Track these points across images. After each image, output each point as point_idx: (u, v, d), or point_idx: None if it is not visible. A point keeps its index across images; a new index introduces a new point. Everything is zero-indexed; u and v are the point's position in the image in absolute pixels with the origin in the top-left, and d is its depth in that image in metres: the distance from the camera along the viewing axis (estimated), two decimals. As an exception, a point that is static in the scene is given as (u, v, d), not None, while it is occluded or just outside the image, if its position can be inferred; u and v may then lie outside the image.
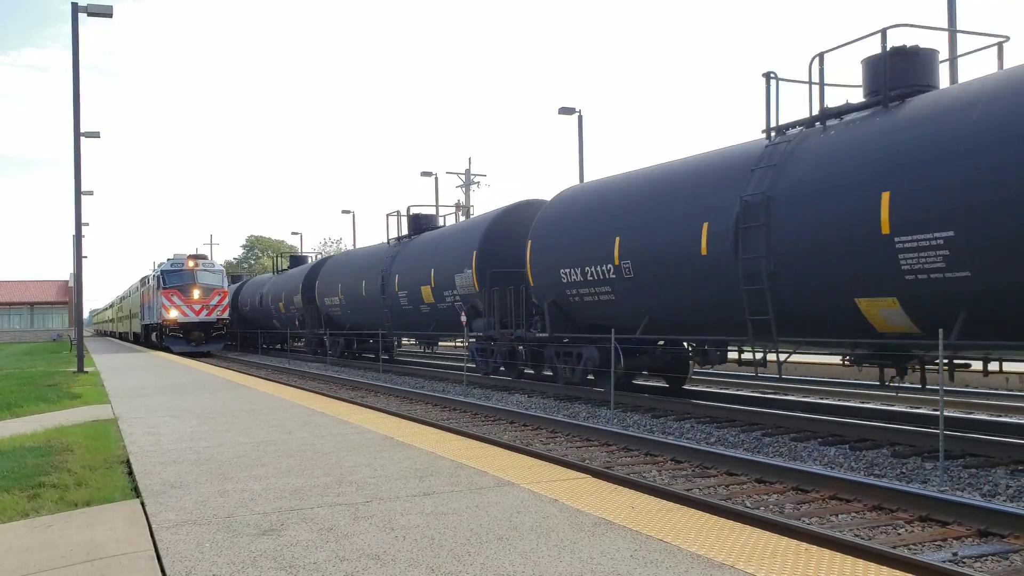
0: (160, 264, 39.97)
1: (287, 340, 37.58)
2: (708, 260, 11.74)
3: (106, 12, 21.56)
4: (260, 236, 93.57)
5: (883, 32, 10.34)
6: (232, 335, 43.10)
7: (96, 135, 32.01)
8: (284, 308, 35.79)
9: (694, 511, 5.03)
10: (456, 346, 30.36)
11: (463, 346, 22.80)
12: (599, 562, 3.98)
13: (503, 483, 5.84)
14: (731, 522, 4.76)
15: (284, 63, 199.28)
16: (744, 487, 8.11)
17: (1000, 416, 11.96)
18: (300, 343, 35.65)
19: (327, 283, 29.99)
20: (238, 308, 44.29)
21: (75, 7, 21.46)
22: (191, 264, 38.12)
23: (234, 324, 42.24)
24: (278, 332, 38.41)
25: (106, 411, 11.58)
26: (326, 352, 30.22)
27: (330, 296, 29.51)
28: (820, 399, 14.27)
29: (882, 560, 4.94)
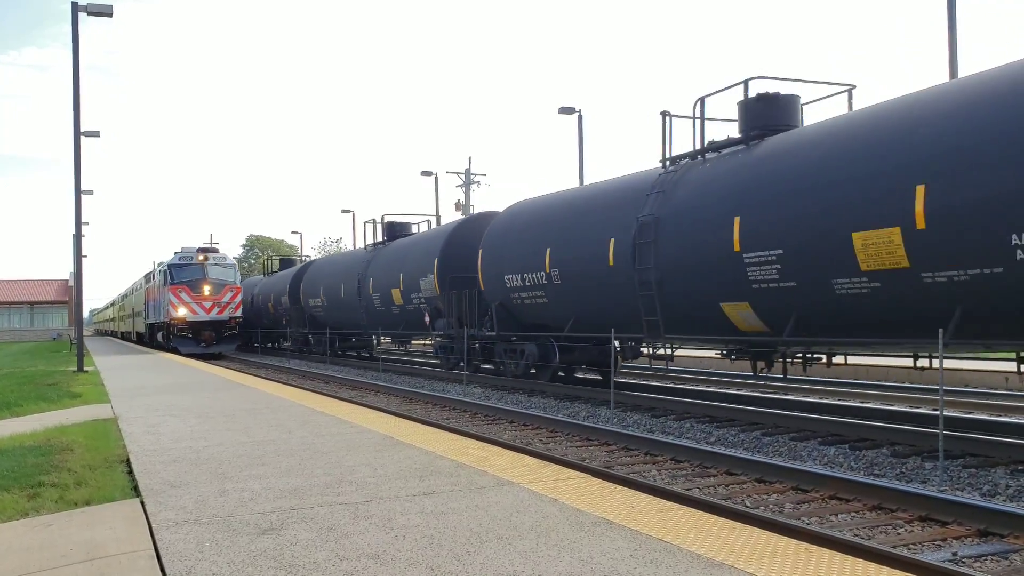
0: (164, 260, 36.96)
1: (277, 339, 38.90)
2: (614, 270, 13.80)
3: (106, 12, 21.56)
4: (260, 235, 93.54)
5: (745, 83, 12.52)
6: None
7: (96, 134, 32.01)
8: (273, 308, 37.34)
9: (694, 511, 5.03)
10: (425, 344, 31.59)
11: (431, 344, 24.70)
12: (599, 561, 3.98)
13: (503, 482, 5.84)
14: (731, 522, 4.76)
15: (284, 63, 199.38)
16: (744, 487, 8.11)
17: (1000, 416, 11.96)
18: (288, 343, 36.73)
19: (310, 285, 32.11)
20: None
21: (75, 6, 21.46)
22: (201, 258, 34.99)
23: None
24: (268, 331, 39.48)
25: (106, 410, 11.58)
26: (310, 350, 32.56)
27: (313, 297, 31.51)
28: (820, 399, 14.27)
29: (882, 560, 4.94)
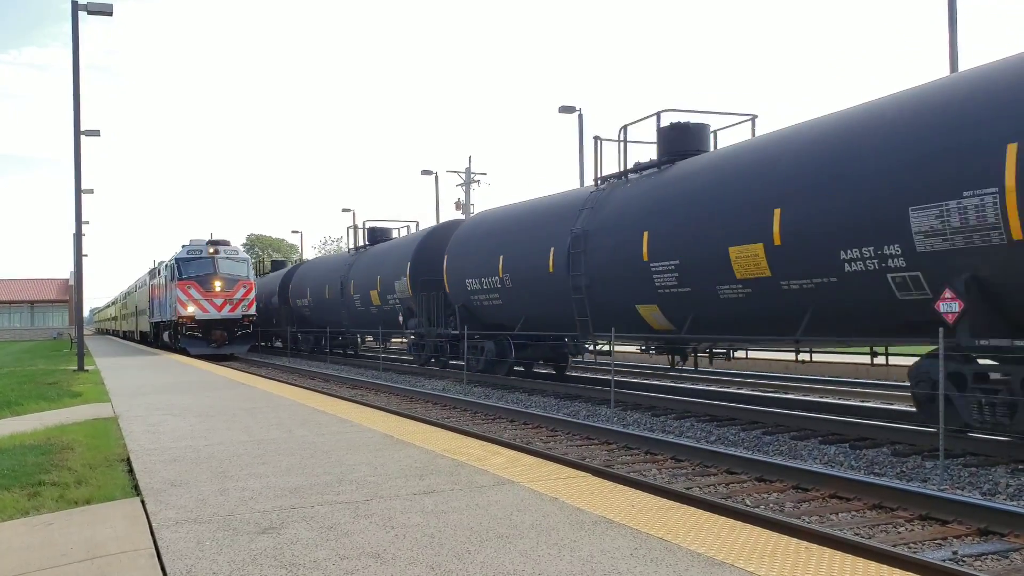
0: (172, 253, 34.72)
1: (270, 338, 39.91)
2: (554, 276, 15.67)
3: (106, 11, 21.56)
4: (261, 235, 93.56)
5: (658, 115, 14.50)
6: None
7: (96, 133, 32.03)
8: (264, 307, 38.18)
9: (694, 510, 5.03)
10: (402, 342, 32.81)
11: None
12: (599, 560, 3.98)
13: (503, 481, 5.84)
14: (731, 520, 4.76)
15: (285, 62, 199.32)
16: (744, 486, 8.11)
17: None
18: (279, 341, 37.65)
19: (298, 286, 34.31)
20: None
21: (75, 5, 21.45)
22: (211, 251, 32.42)
23: None
24: (264, 331, 40.14)
25: (106, 409, 11.59)
26: (299, 348, 34.54)
27: (301, 298, 33.81)
28: (820, 398, 14.27)
29: (882, 559, 4.94)
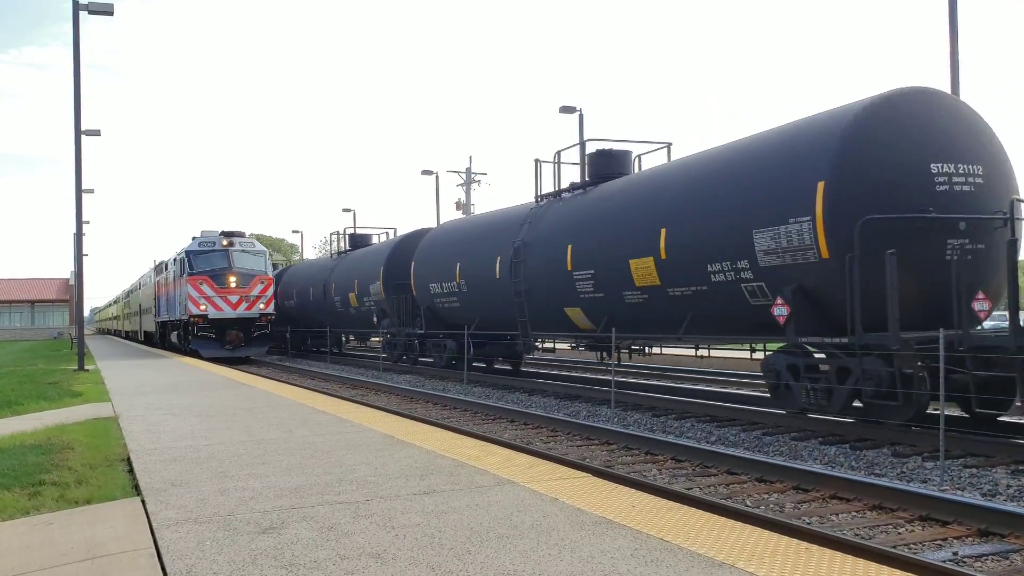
0: (181, 249, 31.19)
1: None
2: (500, 282, 17.74)
3: (107, 10, 21.56)
4: (261, 234, 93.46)
5: (583, 144, 17.27)
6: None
7: (97, 133, 31.98)
8: None
9: (695, 510, 5.03)
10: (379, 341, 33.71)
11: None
12: (599, 561, 3.98)
13: (503, 482, 5.84)
14: (732, 521, 4.76)
15: (285, 62, 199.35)
16: (744, 486, 8.11)
17: (1001, 415, 11.94)
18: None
19: (286, 287, 35.94)
20: None
21: (76, 4, 21.45)
22: (225, 243, 29.63)
23: None
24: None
25: (106, 409, 11.59)
26: (288, 347, 35.70)
27: (288, 299, 35.54)
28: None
29: (882, 559, 4.94)
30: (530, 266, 16.66)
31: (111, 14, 21.65)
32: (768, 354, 11.76)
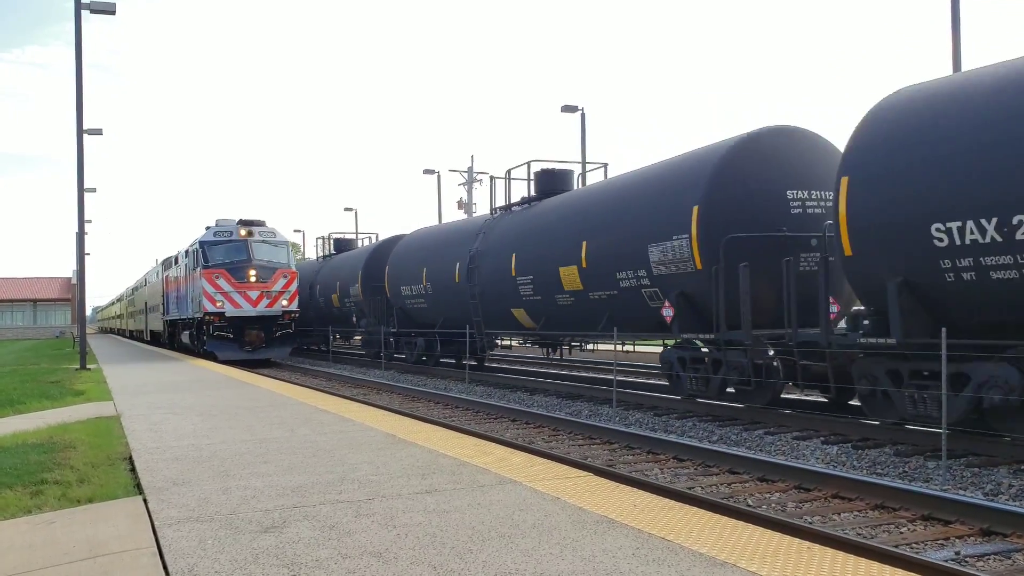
0: (194, 240, 28.18)
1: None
2: (459, 285, 19.89)
3: (109, 9, 21.58)
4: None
5: (528, 164, 19.21)
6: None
7: (99, 132, 32.03)
8: None
9: (696, 509, 5.02)
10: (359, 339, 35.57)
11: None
12: (601, 560, 3.98)
13: (505, 481, 5.84)
14: (733, 520, 4.76)
15: (288, 61, 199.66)
16: (746, 485, 8.10)
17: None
18: None
19: None
20: None
21: (78, 3, 21.47)
22: (244, 232, 26.74)
23: None
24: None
25: (108, 408, 11.60)
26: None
27: None
28: (820, 396, 14.24)
29: (884, 559, 4.94)
30: (483, 272, 18.86)
31: (113, 13, 21.67)
32: (664, 349, 13.87)
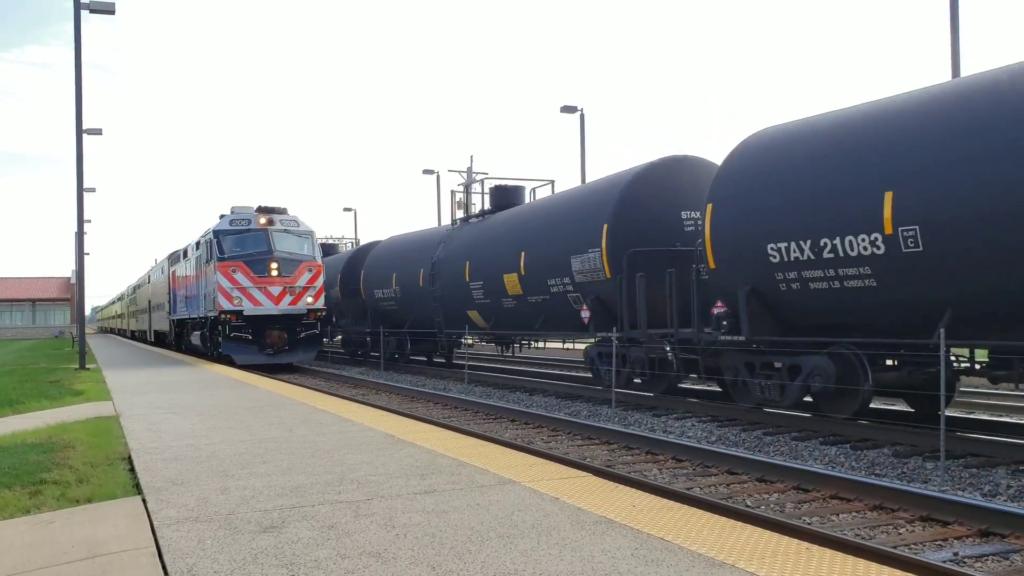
0: (206, 230, 25.38)
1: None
2: (423, 289, 22.14)
3: (108, 9, 21.57)
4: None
5: (482, 181, 22.61)
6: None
7: (99, 132, 32.03)
8: None
9: (695, 510, 5.03)
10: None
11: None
12: (600, 560, 3.98)
13: (504, 481, 5.84)
14: (732, 521, 4.76)
15: (287, 62, 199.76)
16: (745, 486, 8.11)
17: (1001, 416, 11.95)
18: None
19: None
20: None
21: (78, 3, 21.46)
22: (264, 221, 24.03)
23: None
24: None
25: (108, 408, 11.60)
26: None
27: None
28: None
29: (883, 559, 4.94)
30: (443, 277, 21.02)
31: (112, 13, 21.67)
32: (587, 346, 16.25)
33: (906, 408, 11.65)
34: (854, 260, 9.76)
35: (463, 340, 22.02)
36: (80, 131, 22.77)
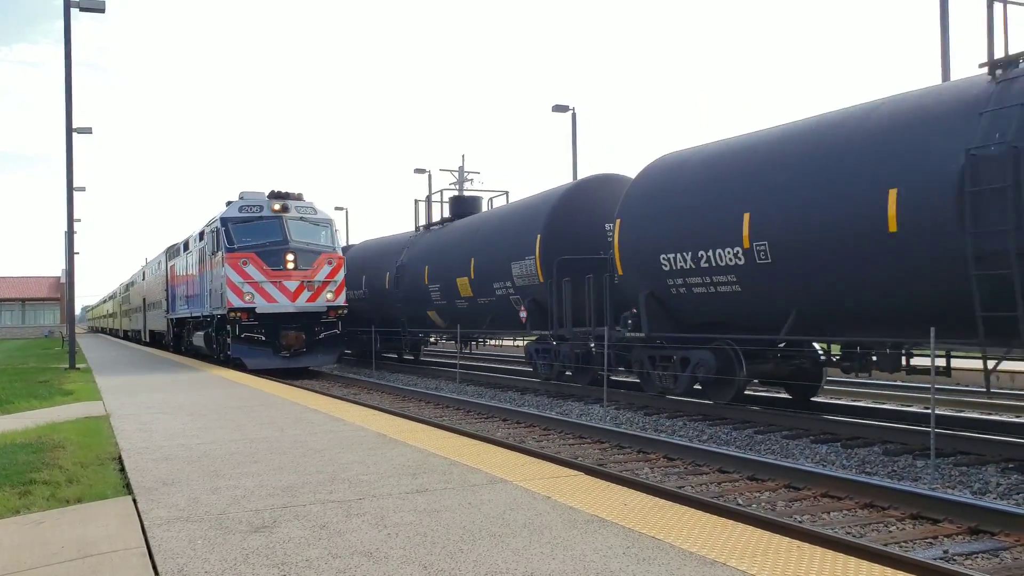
0: (214, 217, 22.67)
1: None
2: (389, 291, 24.12)
3: (98, 7, 21.48)
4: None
5: (441, 192, 26.06)
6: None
7: (88, 131, 31.85)
8: None
9: (686, 508, 5.03)
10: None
11: None
12: (591, 559, 3.98)
13: (496, 480, 5.84)
14: (723, 519, 4.77)
15: (278, 60, 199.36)
16: (736, 484, 8.13)
17: (991, 414, 12.01)
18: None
19: None
20: None
21: (67, 2, 21.37)
22: (277, 207, 21.44)
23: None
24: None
25: (98, 408, 11.54)
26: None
27: None
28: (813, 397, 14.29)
29: (873, 557, 4.96)
30: (406, 280, 22.82)
31: (103, 11, 21.58)
32: (526, 343, 18.51)
33: (784, 395, 13.56)
34: (723, 269, 11.59)
35: (430, 340, 23.64)
36: (70, 130, 22.67)
